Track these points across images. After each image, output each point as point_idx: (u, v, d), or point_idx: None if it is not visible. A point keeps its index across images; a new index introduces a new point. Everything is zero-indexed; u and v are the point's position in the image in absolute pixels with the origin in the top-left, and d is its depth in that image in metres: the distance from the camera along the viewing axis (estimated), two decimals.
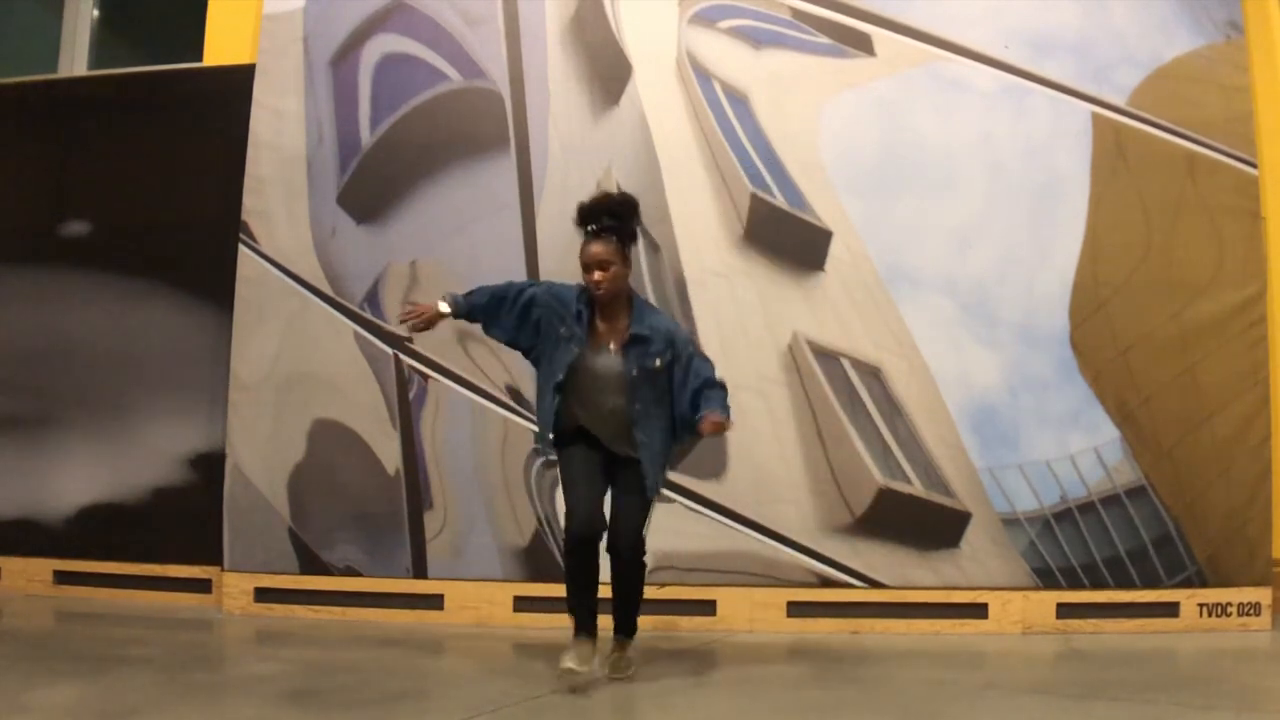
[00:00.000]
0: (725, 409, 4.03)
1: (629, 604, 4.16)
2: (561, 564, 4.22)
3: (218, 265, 5.64)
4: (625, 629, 4.20)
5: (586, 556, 4.00)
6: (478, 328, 5.35)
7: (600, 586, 4.09)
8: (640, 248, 5.30)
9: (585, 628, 4.04)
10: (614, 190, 4.28)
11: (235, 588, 5.45)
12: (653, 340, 4.04)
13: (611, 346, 4.04)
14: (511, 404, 5.35)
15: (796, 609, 5.13)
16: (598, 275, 3.98)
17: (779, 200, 5.33)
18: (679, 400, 4.07)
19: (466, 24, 5.60)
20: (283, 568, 5.43)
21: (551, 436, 4.07)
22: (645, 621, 5.04)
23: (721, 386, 4.10)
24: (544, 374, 4.14)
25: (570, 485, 4.08)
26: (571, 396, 4.05)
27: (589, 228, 4.04)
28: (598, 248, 3.99)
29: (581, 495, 4.02)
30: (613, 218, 4.04)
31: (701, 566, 5.11)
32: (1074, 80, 5.30)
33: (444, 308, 4.16)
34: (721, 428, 3.99)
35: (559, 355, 4.06)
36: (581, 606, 4.05)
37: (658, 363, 4.02)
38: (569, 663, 3.91)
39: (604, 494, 4.08)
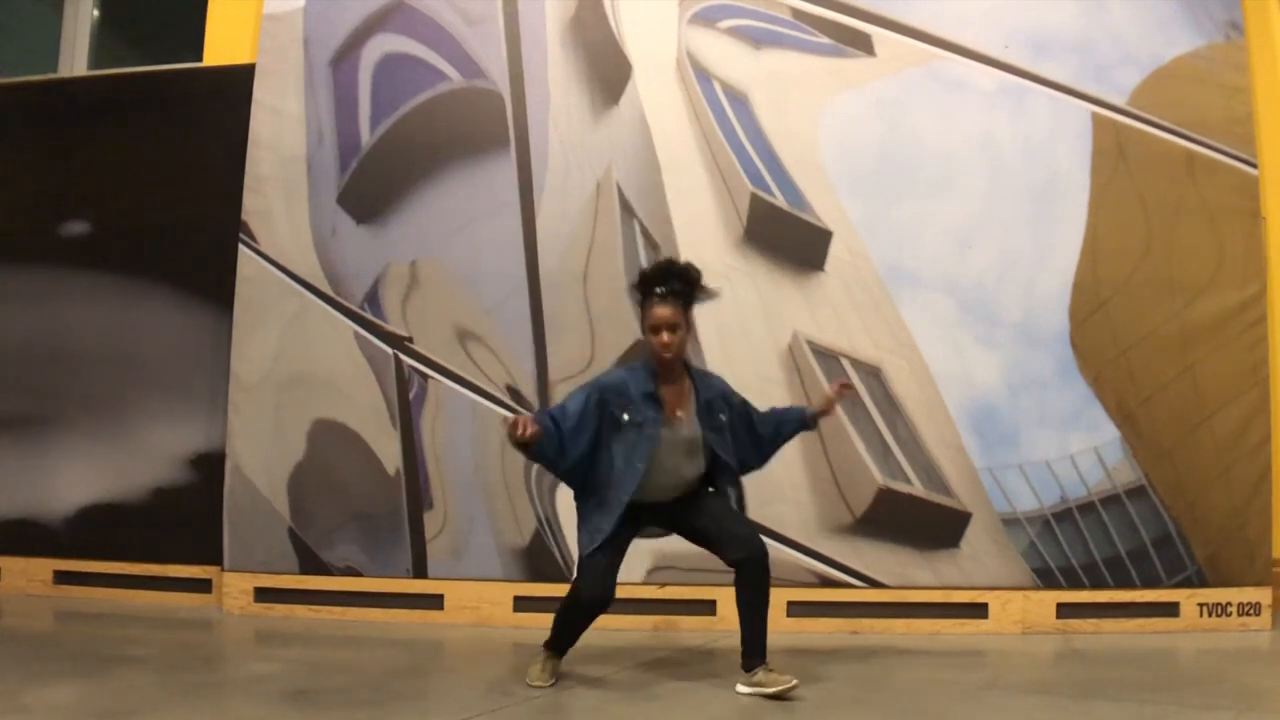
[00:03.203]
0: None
1: (763, 623, 3.99)
2: (564, 601, 4.09)
3: (218, 265, 5.65)
4: (762, 649, 3.97)
5: (591, 617, 4.05)
6: (477, 327, 5.41)
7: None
8: (640, 247, 5.33)
9: (561, 650, 4.12)
10: (677, 260, 4.25)
11: (235, 588, 5.45)
12: (715, 403, 4.08)
13: (680, 414, 4.00)
14: (511, 404, 5.35)
15: (796, 609, 5.12)
16: (667, 338, 3.93)
17: (779, 200, 5.33)
18: (758, 436, 4.19)
19: (466, 24, 5.60)
20: (283, 568, 5.43)
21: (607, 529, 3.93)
22: (645, 621, 5.08)
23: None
24: (617, 461, 3.93)
25: (597, 556, 3.93)
26: (644, 471, 3.95)
27: (657, 290, 3.96)
28: (667, 311, 3.93)
29: (601, 561, 3.93)
30: (682, 282, 3.97)
31: (702, 566, 5.08)
32: (1074, 80, 5.31)
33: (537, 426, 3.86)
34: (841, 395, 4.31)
35: (635, 440, 3.92)
36: (569, 638, 4.12)
37: (723, 418, 4.07)
38: (537, 680, 4.00)
39: (620, 563, 4.01)
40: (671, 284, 3.96)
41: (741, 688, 3.92)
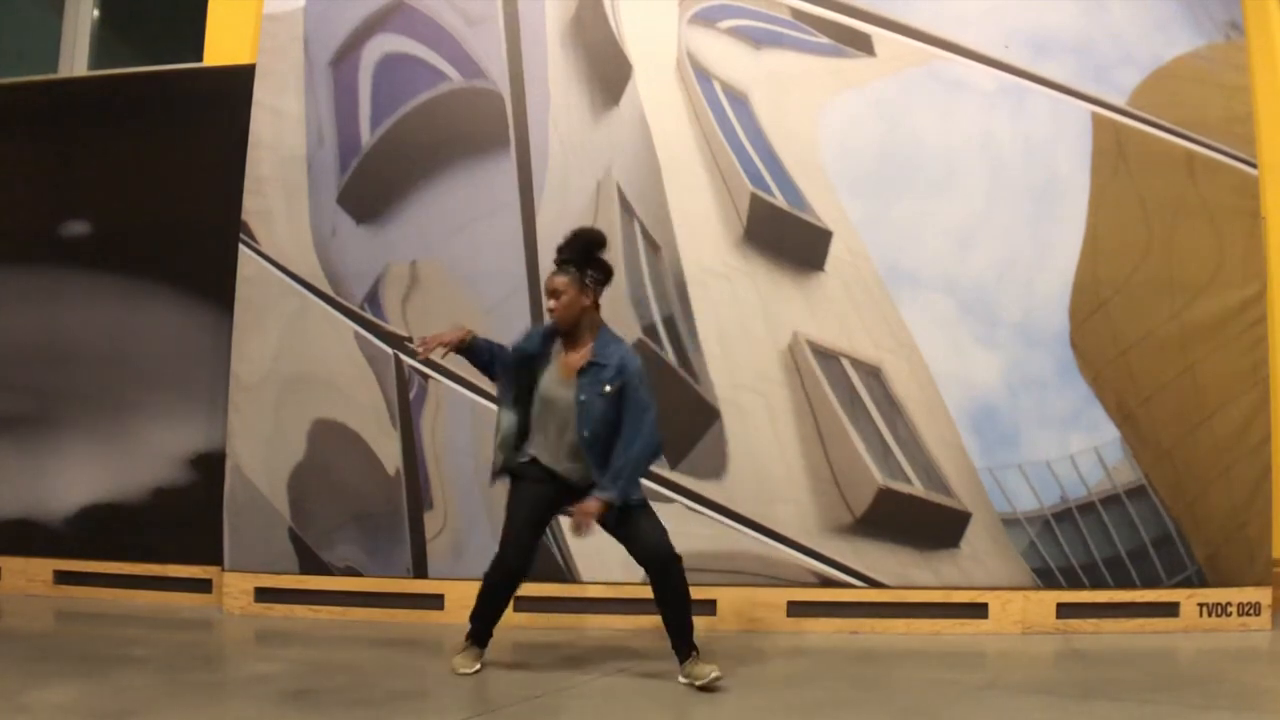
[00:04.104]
0: (624, 486, 4.08)
1: (680, 621, 4.16)
2: (486, 576, 4.32)
3: (218, 265, 5.64)
4: (687, 649, 4.14)
5: (507, 590, 4.30)
6: (478, 327, 5.41)
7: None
8: (640, 248, 5.32)
9: (480, 641, 4.33)
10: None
11: (235, 588, 5.45)
12: (606, 367, 4.14)
13: (570, 376, 4.17)
14: None
15: (796, 609, 5.13)
16: (550, 303, 4.19)
17: (779, 200, 5.33)
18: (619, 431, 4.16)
19: (466, 24, 5.60)
20: (283, 568, 5.43)
21: (501, 459, 4.28)
22: (645, 621, 5.07)
23: (642, 453, 4.13)
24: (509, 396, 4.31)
25: (511, 518, 4.27)
26: (535, 424, 4.24)
27: (555, 259, 4.23)
28: (554, 279, 4.19)
29: (519, 531, 4.23)
30: (571, 251, 4.19)
31: (701, 566, 5.10)
32: (1074, 80, 5.31)
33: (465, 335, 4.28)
34: (584, 520, 4.08)
35: (521, 375, 4.25)
36: (485, 624, 4.33)
37: (607, 389, 4.10)
38: (462, 668, 4.24)
39: (541, 533, 4.36)
40: (562, 253, 4.21)
41: (680, 678, 4.11)
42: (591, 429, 4.10)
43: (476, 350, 4.30)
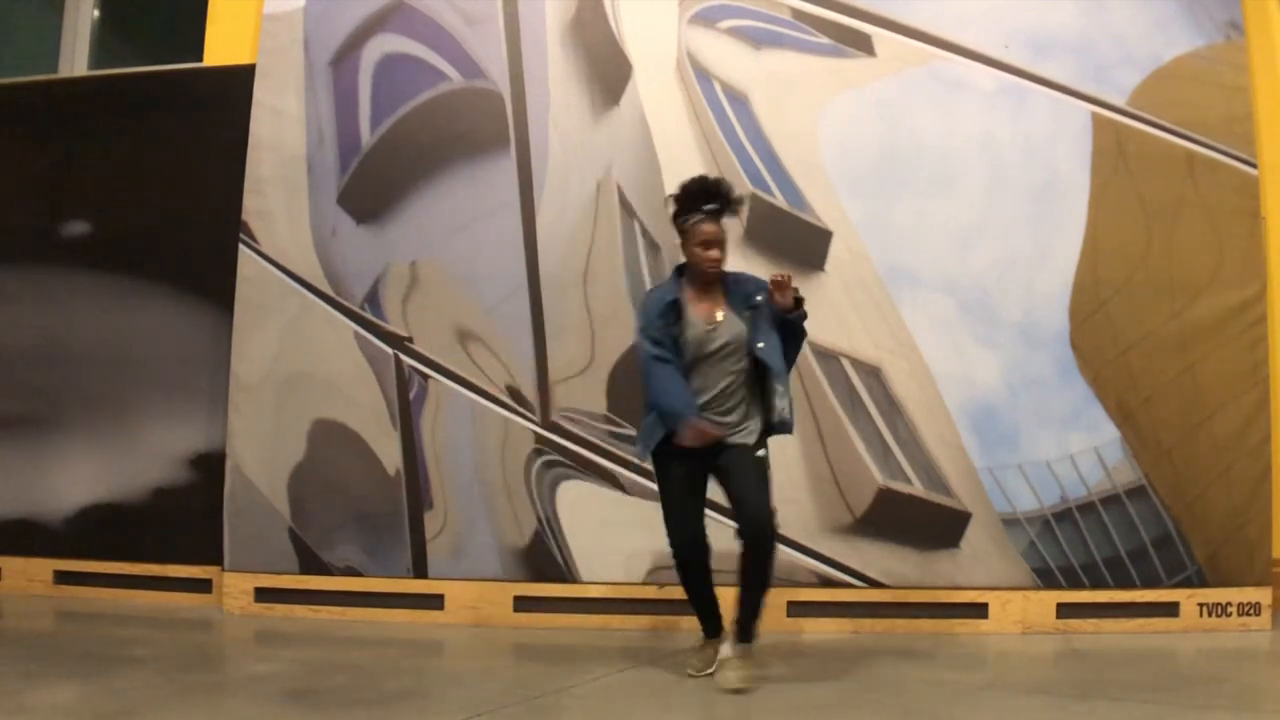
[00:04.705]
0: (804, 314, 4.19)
1: (754, 602, 4.07)
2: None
3: (218, 265, 5.64)
4: (747, 633, 4.10)
5: (696, 572, 4.17)
6: (477, 327, 5.42)
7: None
8: (640, 247, 5.32)
9: (710, 629, 4.28)
10: (717, 176, 4.34)
11: (235, 588, 5.45)
12: (744, 284, 4.20)
13: (719, 317, 4.12)
14: (511, 404, 5.35)
15: (796, 609, 5.13)
16: (716, 253, 4.10)
17: (779, 200, 5.33)
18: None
19: (466, 24, 5.60)
20: (283, 568, 5.43)
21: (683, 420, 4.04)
22: (644, 622, 5.08)
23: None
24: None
25: (671, 503, 4.15)
26: (694, 380, 4.11)
27: (705, 207, 4.10)
28: (714, 227, 4.10)
29: (684, 516, 4.12)
30: (719, 199, 4.12)
31: None
32: (1074, 80, 5.31)
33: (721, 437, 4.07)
34: (782, 290, 4.04)
35: (676, 347, 4.12)
36: (701, 612, 4.27)
37: (759, 299, 4.13)
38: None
39: (704, 509, 4.16)
40: (720, 201, 4.11)
41: (724, 648, 4.18)
42: (767, 341, 4.09)
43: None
